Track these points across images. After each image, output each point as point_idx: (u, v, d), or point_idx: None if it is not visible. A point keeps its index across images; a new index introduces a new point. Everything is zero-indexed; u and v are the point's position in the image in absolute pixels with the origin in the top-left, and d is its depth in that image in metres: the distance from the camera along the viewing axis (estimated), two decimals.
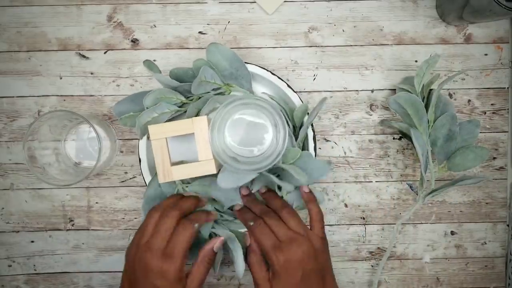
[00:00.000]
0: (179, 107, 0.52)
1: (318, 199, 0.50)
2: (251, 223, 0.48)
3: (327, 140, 0.57)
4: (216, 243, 0.48)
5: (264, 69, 0.52)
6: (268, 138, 0.49)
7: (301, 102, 0.52)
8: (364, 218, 0.58)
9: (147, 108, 0.50)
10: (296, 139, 0.52)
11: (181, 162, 0.53)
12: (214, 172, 0.48)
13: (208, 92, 0.52)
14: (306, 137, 0.52)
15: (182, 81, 0.51)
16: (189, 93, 0.52)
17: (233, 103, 0.48)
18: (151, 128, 0.48)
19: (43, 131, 0.51)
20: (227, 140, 0.49)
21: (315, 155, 0.52)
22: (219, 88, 0.52)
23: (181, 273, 0.44)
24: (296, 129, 0.52)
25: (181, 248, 0.44)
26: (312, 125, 0.52)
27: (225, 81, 0.52)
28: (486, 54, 0.57)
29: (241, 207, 0.52)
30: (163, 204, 0.48)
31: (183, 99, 0.51)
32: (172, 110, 0.51)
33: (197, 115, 0.52)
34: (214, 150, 0.48)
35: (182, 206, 0.48)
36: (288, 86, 0.52)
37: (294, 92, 0.52)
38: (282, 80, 0.52)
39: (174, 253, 0.44)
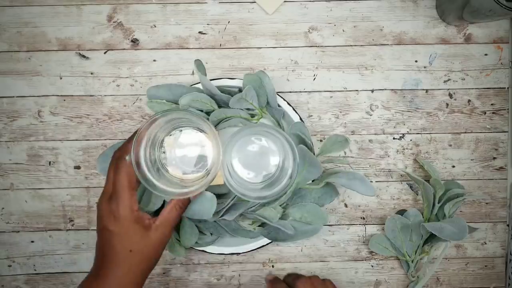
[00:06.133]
0: (206, 113, 0.52)
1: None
2: None
3: None
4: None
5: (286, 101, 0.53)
6: (273, 167, 0.50)
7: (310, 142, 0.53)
8: (364, 218, 0.58)
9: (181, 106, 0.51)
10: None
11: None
12: (221, 183, 0.49)
13: (242, 109, 0.52)
14: None
15: (222, 91, 0.52)
16: (223, 103, 0.52)
17: (254, 128, 0.48)
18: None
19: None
20: (233, 161, 0.50)
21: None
22: (252, 110, 0.52)
23: (132, 212, 0.42)
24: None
25: (122, 184, 0.42)
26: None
27: (261, 106, 0.53)
28: (486, 54, 0.57)
29: (273, 277, 0.55)
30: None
31: (216, 108, 0.52)
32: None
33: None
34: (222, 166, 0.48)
35: (122, 147, 0.44)
36: (301, 119, 0.53)
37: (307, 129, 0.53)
38: (297, 112, 0.53)
39: (117, 191, 0.42)
